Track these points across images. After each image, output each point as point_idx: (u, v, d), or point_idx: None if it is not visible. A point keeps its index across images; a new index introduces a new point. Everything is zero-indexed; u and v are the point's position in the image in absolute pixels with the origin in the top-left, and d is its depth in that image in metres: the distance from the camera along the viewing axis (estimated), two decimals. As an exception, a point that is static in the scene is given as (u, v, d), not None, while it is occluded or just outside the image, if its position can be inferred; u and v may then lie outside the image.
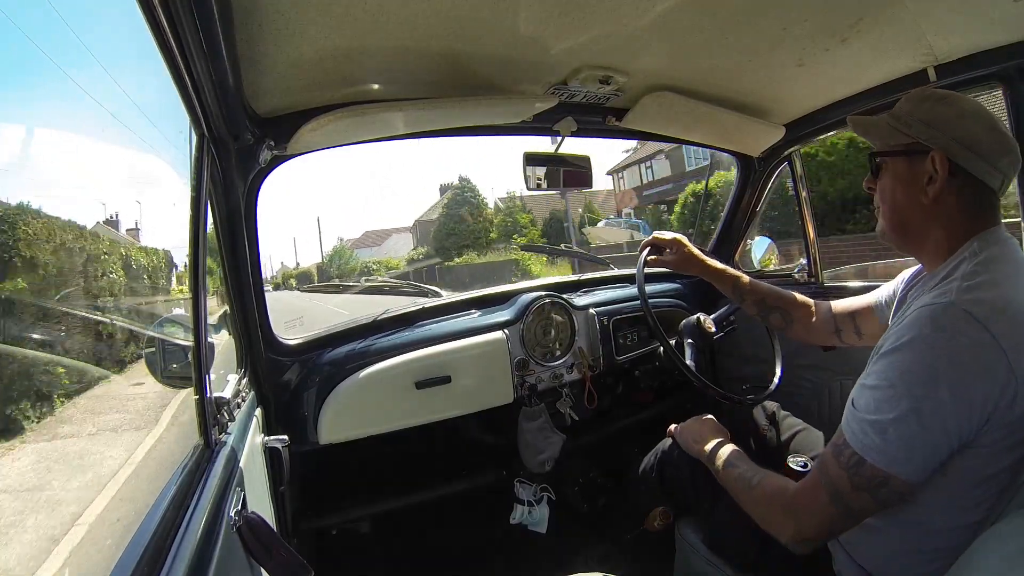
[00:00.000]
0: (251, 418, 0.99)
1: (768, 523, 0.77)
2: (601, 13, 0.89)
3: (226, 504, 0.64)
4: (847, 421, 0.68)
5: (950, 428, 0.61)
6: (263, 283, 1.14)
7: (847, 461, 0.66)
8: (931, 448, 0.62)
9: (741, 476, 0.85)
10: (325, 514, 1.34)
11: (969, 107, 0.72)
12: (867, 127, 0.81)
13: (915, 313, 0.66)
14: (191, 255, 0.77)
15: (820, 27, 0.99)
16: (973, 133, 0.70)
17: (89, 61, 8.74)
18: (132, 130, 6.99)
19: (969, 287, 0.65)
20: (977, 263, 0.67)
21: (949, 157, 0.70)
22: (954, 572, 0.56)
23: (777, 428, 1.20)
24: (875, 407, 0.64)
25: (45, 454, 3.31)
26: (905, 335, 0.65)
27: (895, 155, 0.76)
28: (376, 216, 62.59)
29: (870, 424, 0.64)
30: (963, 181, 0.70)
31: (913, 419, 0.61)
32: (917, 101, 0.75)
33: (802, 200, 1.65)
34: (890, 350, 0.66)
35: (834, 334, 1.09)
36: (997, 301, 0.63)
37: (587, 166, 1.48)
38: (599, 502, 1.58)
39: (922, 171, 0.72)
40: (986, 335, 0.60)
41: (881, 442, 0.63)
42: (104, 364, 4.25)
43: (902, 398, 0.62)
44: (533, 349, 1.44)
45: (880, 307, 0.99)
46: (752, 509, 0.81)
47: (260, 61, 0.86)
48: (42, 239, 2.58)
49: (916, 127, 0.73)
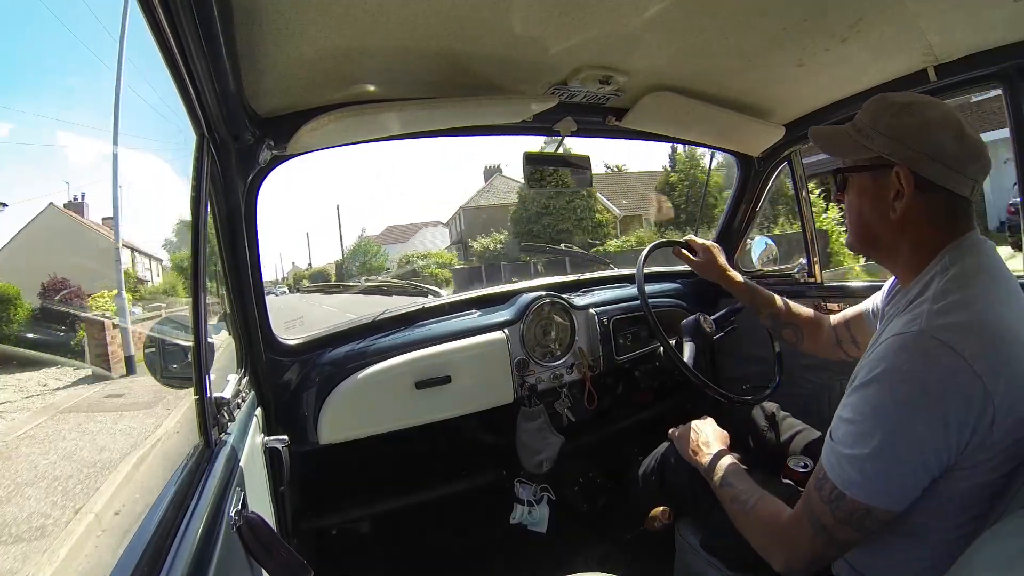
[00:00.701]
0: (251, 418, 0.98)
1: (761, 549, 0.77)
2: (601, 13, 0.89)
3: (226, 504, 0.64)
4: (826, 454, 0.68)
5: (928, 459, 0.60)
6: (263, 283, 1.14)
7: (828, 495, 0.66)
8: (910, 479, 0.61)
9: (736, 498, 0.84)
10: (325, 514, 1.34)
11: (933, 115, 0.69)
12: (830, 140, 0.79)
13: (886, 343, 0.65)
14: (191, 255, 0.77)
15: (820, 27, 0.99)
16: (939, 143, 0.67)
17: (89, 61, 8.73)
18: (132, 130, 7.02)
19: (939, 310, 0.63)
20: (947, 280, 0.66)
21: (915, 171, 0.68)
22: (954, 572, 0.56)
23: (777, 429, 1.20)
24: (851, 441, 0.64)
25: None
26: (877, 368, 0.63)
27: (859, 171, 0.74)
28: (396, 211, 61.07)
29: (847, 459, 0.64)
30: (932, 193, 0.68)
31: (889, 453, 0.61)
32: (877, 112, 0.72)
33: (802, 200, 1.65)
34: (863, 383, 0.65)
35: (837, 346, 1.10)
36: (969, 323, 0.61)
37: (587, 166, 1.48)
38: (599, 502, 1.58)
39: (888, 185, 0.70)
40: (960, 361, 0.59)
41: (860, 477, 0.63)
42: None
43: (876, 432, 0.61)
44: (533, 349, 1.43)
45: (869, 316, 0.98)
46: (746, 532, 0.81)
47: (260, 61, 0.86)
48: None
49: (879, 141, 0.71)
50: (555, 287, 1.59)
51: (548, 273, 6.12)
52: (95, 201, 8.87)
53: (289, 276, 36.79)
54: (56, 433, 4.22)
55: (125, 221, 5.50)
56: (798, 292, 1.59)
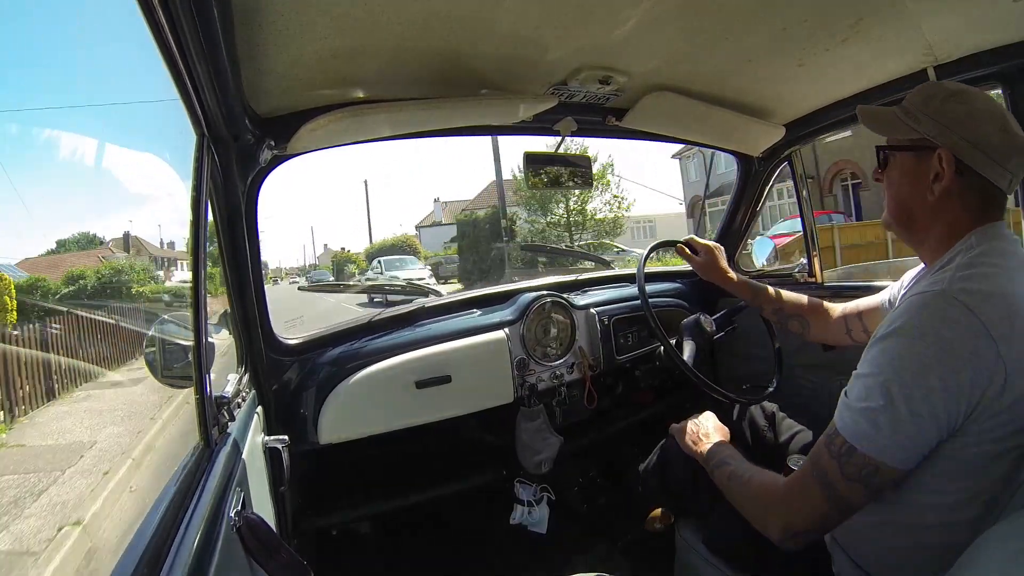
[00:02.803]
0: (251, 418, 0.98)
1: (759, 518, 0.77)
2: (601, 13, 0.89)
3: (226, 504, 0.64)
4: (839, 410, 0.69)
5: (939, 415, 0.61)
6: (263, 282, 1.14)
7: (838, 450, 0.66)
8: (921, 435, 0.62)
9: (734, 473, 0.86)
10: (325, 514, 1.34)
11: (981, 105, 0.71)
12: (876, 118, 0.81)
13: (908, 300, 0.67)
14: (191, 255, 0.77)
15: (820, 27, 0.99)
16: (984, 133, 0.69)
17: (90, 61, 8.75)
18: (132, 129, 7.03)
19: (962, 276, 0.65)
20: (973, 255, 0.68)
21: (957, 156, 0.70)
22: (954, 572, 0.56)
23: (776, 429, 1.20)
24: (865, 395, 0.65)
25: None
26: (896, 322, 0.65)
27: (902, 150, 0.76)
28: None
29: (860, 412, 0.65)
30: (970, 180, 0.70)
31: (902, 406, 0.62)
32: (928, 96, 0.74)
33: (802, 200, 1.65)
34: (881, 336, 0.66)
35: (846, 334, 1.11)
36: (989, 290, 0.63)
37: (587, 166, 1.48)
38: (599, 502, 1.58)
39: (929, 167, 0.72)
40: (976, 322, 0.61)
41: (871, 429, 0.64)
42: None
43: (891, 384, 0.63)
44: (533, 349, 1.43)
45: (886, 308, 1.00)
46: (743, 504, 0.81)
47: (260, 61, 0.86)
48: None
49: (925, 123, 0.72)
50: (555, 287, 1.59)
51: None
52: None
53: (318, 261, 33.25)
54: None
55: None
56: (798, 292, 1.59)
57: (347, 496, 1.38)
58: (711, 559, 0.96)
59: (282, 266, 41.69)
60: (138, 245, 16.02)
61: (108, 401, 5.23)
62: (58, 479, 3.25)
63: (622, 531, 1.48)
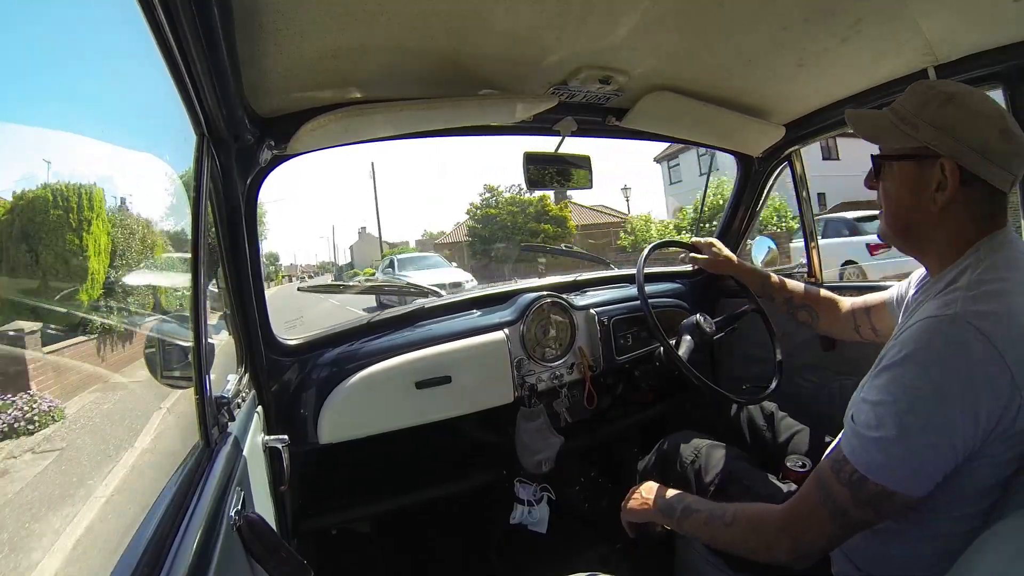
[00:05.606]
0: (251, 418, 0.98)
1: (760, 550, 0.74)
2: (600, 13, 0.89)
3: (226, 504, 0.64)
4: (847, 437, 0.67)
5: (957, 444, 0.60)
6: (263, 282, 1.14)
7: (848, 478, 0.64)
8: (939, 464, 0.61)
9: (711, 517, 0.81)
10: (325, 514, 1.34)
11: (979, 107, 0.68)
12: (869, 123, 0.77)
13: (919, 325, 0.64)
14: (191, 255, 0.77)
15: (820, 27, 0.99)
16: (984, 138, 0.66)
17: (89, 61, 8.74)
18: (132, 130, 7.03)
19: (974, 297, 0.63)
20: (981, 271, 0.66)
21: (960, 164, 0.67)
22: (954, 573, 0.56)
23: (775, 428, 1.20)
24: (877, 423, 0.63)
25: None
26: (909, 348, 0.63)
27: (902, 159, 0.73)
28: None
29: (873, 442, 0.63)
30: (973, 187, 0.68)
31: (919, 436, 0.60)
32: (924, 100, 0.70)
33: (802, 200, 1.65)
34: (893, 363, 0.64)
35: (854, 330, 1.10)
36: (1002, 313, 0.61)
37: (587, 166, 1.48)
38: (599, 502, 1.58)
39: (931, 177, 0.69)
40: (992, 350, 0.59)
41: (885, 460, 0.62)
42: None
43: (906, 414, 0.61)
44: (533, 349, 1.43)
45: (892, 305, 0.99)
46: (734, 542, 0.78)
47: (260, 61, 0.86)
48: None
49: (924, 130, 0.69)
50: (555, 287, 1.59)
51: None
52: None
53: (352, 256, 28.51)
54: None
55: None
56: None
57: (347, 496, 1.38)
58: (711, 559, 0.96)
59: (297, 262, 38.39)
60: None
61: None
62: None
63: (622, 531, 1.48)
